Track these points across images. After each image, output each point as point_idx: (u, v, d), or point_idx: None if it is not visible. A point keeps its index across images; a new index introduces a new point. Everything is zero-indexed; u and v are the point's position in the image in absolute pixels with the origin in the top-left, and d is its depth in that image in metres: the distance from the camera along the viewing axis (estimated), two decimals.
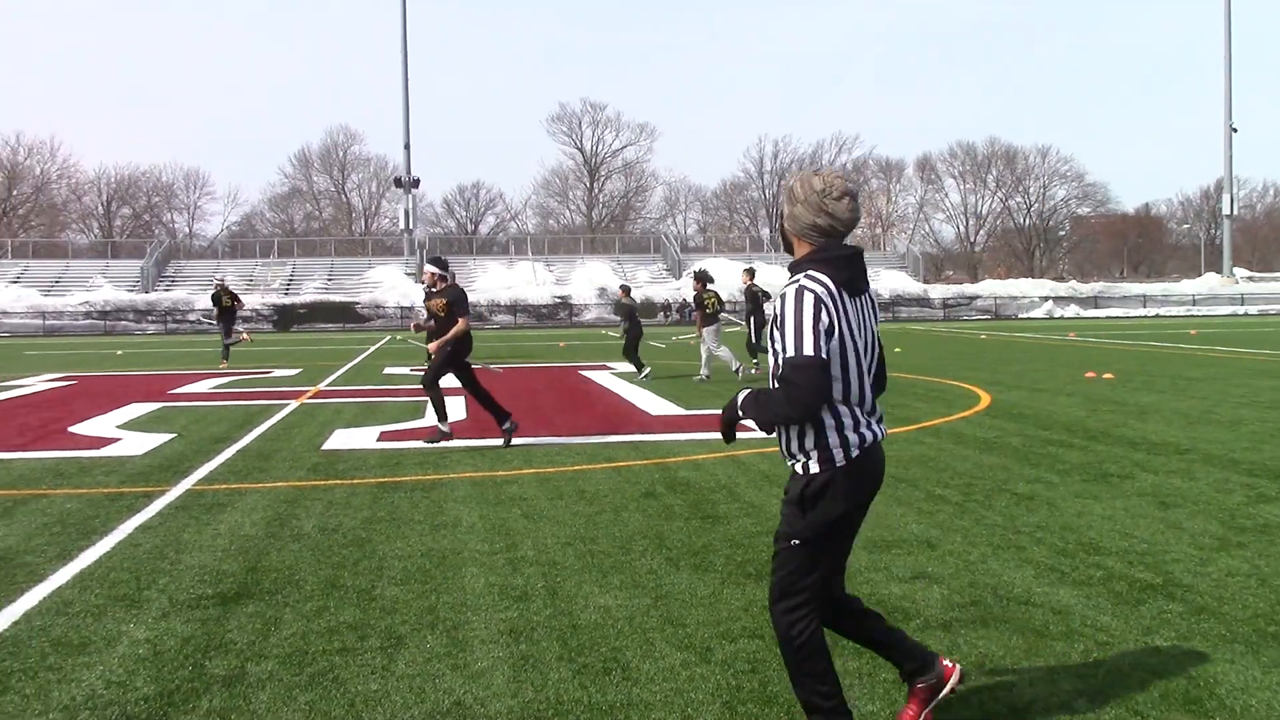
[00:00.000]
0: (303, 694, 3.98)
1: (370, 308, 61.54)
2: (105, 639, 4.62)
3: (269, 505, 7.53)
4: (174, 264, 73.59)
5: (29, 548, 6.32)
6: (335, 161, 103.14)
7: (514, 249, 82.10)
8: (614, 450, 9.97)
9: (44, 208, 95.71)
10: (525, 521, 6.91)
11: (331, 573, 5.68)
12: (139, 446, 10.45)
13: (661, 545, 6.22)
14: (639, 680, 4.08)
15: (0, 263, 71.33)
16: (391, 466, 9.18)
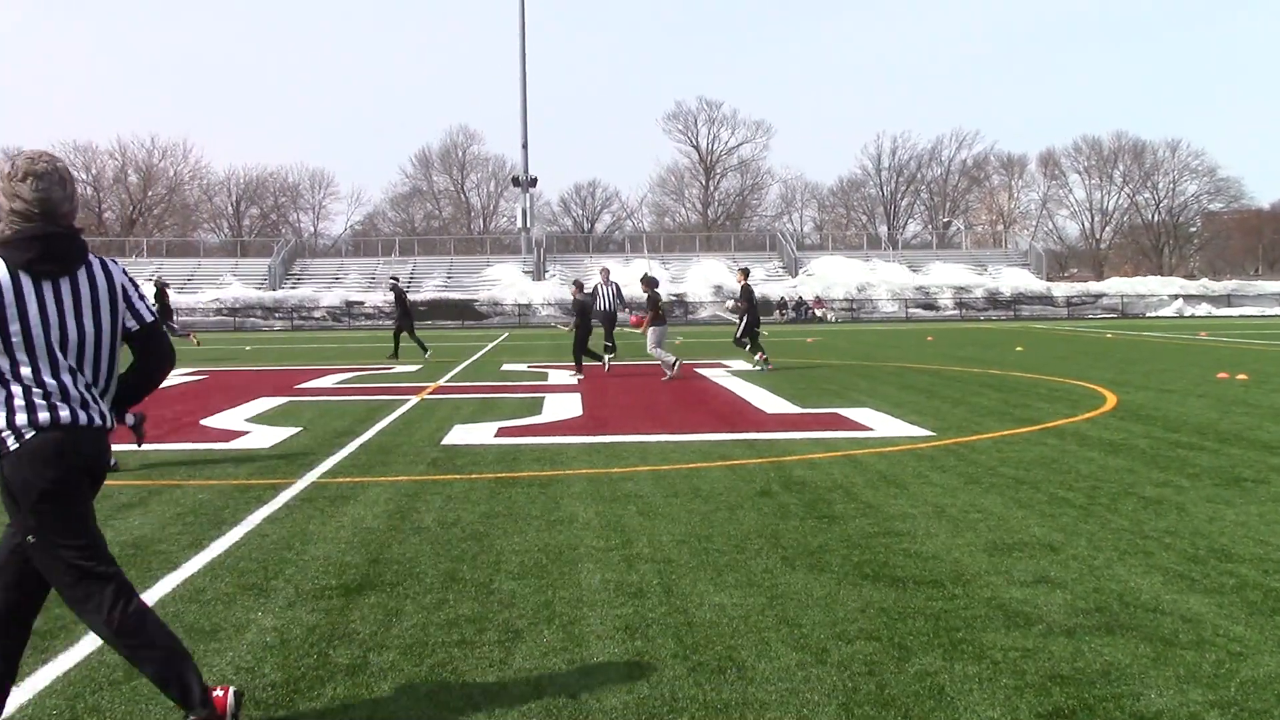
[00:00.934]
0: (423, 684, 4.05)
1: (488, 305, 62.43)
2: (235, 626, 4.76)
3: (390, 499, 7.68)
4: (299, 262, 75.52)
5: (163, 536, 6.55)
6: (455, 161, 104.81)
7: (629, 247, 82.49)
8: (729, 448, 9.95)
9: (177, 208, 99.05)
10: (640, 518, 6.94)
11: (451, 566, 5.78)
12: (267, 439, 10.75)
13: (777, 544, 6.19)
14: (754, 679, 4.07)
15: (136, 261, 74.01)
16: (509, 462, 9.29)
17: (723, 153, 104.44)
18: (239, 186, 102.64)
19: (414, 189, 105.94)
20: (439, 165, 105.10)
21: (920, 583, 5.36)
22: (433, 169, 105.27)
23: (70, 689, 4.02)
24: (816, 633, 4.59)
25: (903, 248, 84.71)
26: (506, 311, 61.86)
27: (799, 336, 38.34)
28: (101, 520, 6.90)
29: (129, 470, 9.00)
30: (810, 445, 10.04)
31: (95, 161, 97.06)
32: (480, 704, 3.86)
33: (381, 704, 3.87)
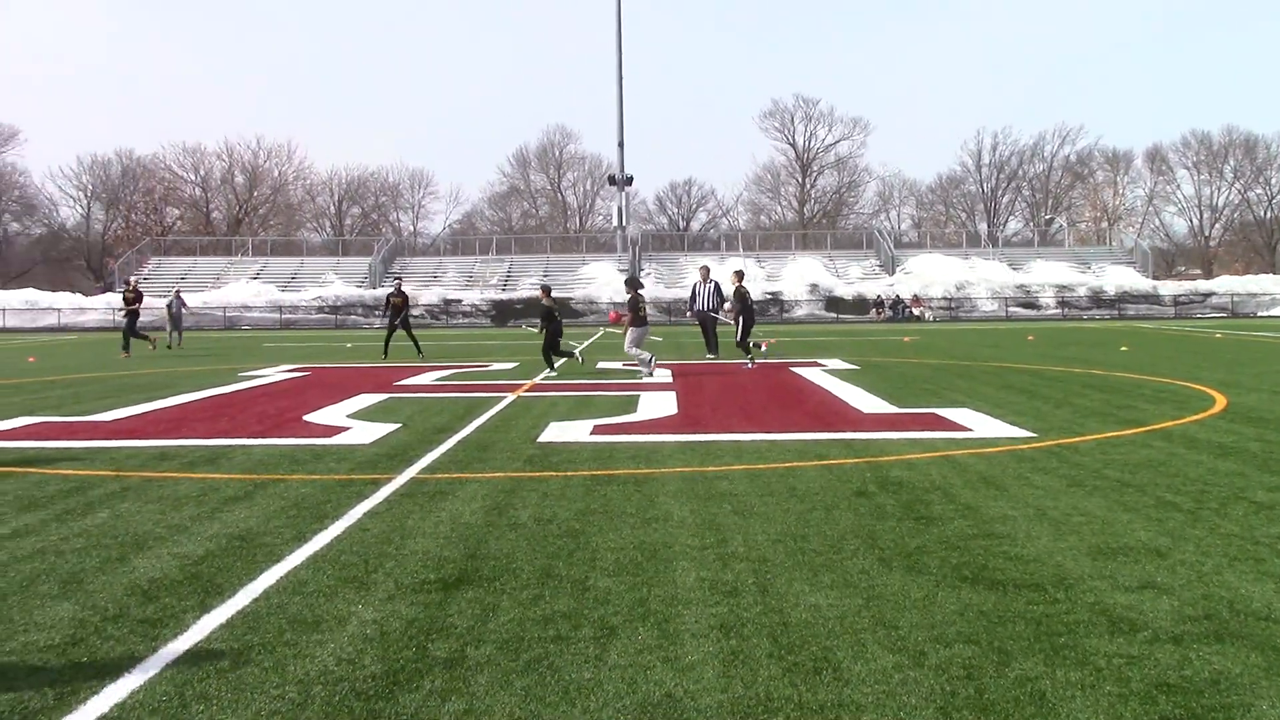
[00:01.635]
0: (519, 679, 4.09)
1: (584, 303, 62.77)
2: (336, 618, 4.85)
3: (488, 495, 7.76)
4: (399, 261, 76.74)
5: (268, 529, 6.70)
6: (552, 160, 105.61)
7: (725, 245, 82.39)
8: (825, 447, 9.88)
9: (281, 208, 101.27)
10: (736, 517, 6.92)
11: (547, 562, 5.82)
12: (367, 435, 10.93)
13: (873, 545, 6.13)
14: (850, 681, 4.04)
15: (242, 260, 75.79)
16: (604, 460, 9.33)
17: (819, 150, 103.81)
18: (341, 186, 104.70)
19: (511, 188, 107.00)
20: (536, 164, 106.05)
21: (1021, 586, 5.27)
22: (530, 168, 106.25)
23: (179, 676, 4.13)
24: (914, 635, 4.54)
25: (1003, 245, 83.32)
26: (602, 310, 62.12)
27: (896, 336, 37.92)
28: (209, 513, 7.11)
29: (235, 465, 9.22)
30: (908, 445, 9.93)
31: (204, 163, 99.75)
32: (575, 699, 3.89)
33: (478, 697, 3.91)
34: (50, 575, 5.65)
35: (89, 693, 3.96)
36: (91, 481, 8.46)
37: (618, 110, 71.63)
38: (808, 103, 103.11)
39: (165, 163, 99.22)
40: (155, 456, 9.74)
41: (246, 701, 3.88)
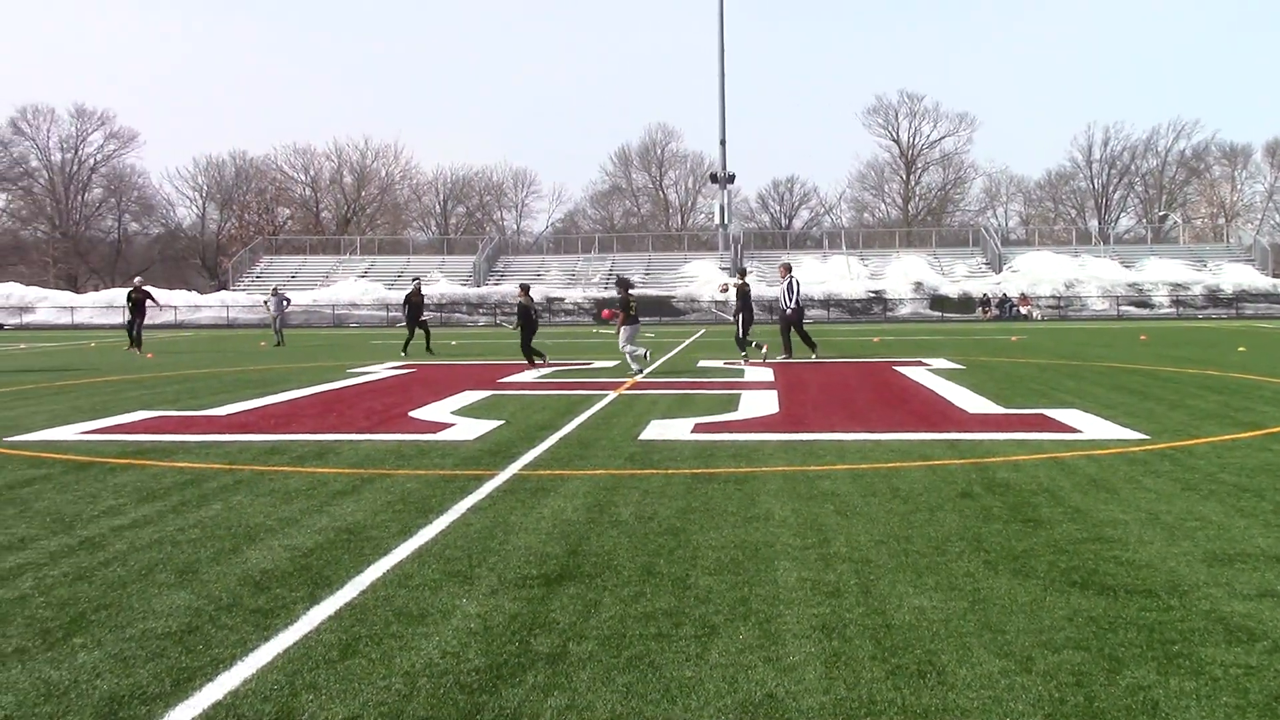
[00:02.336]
0: (620, 675, 4.11)
1: (685, 301, 62.79)
2: (441, 612, 4.92)
3: (589, 492, 7.81)
4: (503, 259, 77.55)
5: (375, 523, 6.82)
6: (653, 159, 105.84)
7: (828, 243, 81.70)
8: (929, 448, 9.75)
9: (388, 207, 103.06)
10: (838, 517, 6.87)
11: (648, 560, 5.84)
12: (471, 432, 11.07)
13: (979, 548, 6.04)
14: (955, 686, 3.98)
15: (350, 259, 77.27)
16: (705, 458, 9.33)
17: (924, 146, 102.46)
18: (446, 186, 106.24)
19: (613, 186, 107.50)
20: (638, 163, 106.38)
21: (1133, 592, 5.14)
22: (632, 166, 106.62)
23: (289, 665, 4.22)
24: (1021, 640, 4.46)
25: (1114, 243, 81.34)
26: (703, 308, 62.08)
27: (1003, 334, 37.25)
28: (318, 506, 7.26)
29: (343, 459, 9.40)
30: (1014, 447, 9.75)
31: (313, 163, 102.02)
32: (676, 697, 3.89)
33: (580, 693, 3.93)
34: (167, 565, 5.82)
35: (204, 679, 4.08)
36: (206, 474, 8.70)
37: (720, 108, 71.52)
38: (912, 98, 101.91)
39: (277, 164, 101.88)
40: (266, 451, 9.98)
41: (354, 692, 3.95)
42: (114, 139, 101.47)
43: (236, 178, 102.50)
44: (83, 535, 6.53)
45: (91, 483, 8.34)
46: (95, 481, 8.40)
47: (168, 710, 3.79)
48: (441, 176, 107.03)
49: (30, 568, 5.77)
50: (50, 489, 8.09)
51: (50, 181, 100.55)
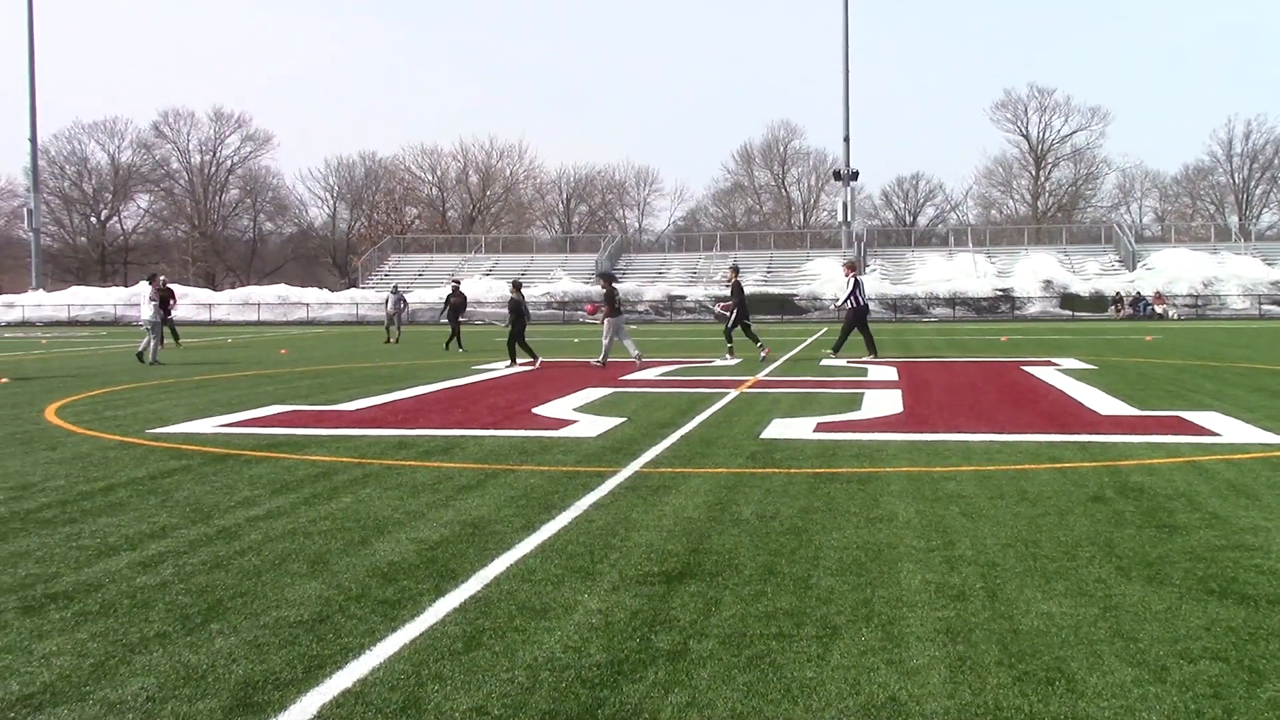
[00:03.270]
0: (741, 674, 4.10)
1: (808, 299, 62.34)
2: (563, 606, 4.97)
3: (710, 490, 7.81)
4: (625, 257, 77.93)
5: (498, 517, 6.92)
6: (776, 156, 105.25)
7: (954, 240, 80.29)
8: (1059, 450, 9.52)
9: (512, 206, 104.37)
10: (963, 519, 6.75)
11: (769, 559, 5.81)
12: (593, 429, 11.15)
13: (1111, 553, 5.87)
14: (1085, 694, 3.88)
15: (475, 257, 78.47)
16: (827, 457, 9.25)
17: (1055, 141, 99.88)
18: (569, 184, 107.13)
19: (735, 184, 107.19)
20: (760, 160, 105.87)
21: (1275, 602, 4.95)
22: (754, 164, 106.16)
23: (416, 656, 4.31)
24: (1155, 649, 4.32)
25: (1256, 239, 78.34)
26: (826, 306, 61.54)
27: (1137, 334, 36.17)
28: (443, 500, 7.39)
29: (468, 455, 9.55)
30: (1149, 450, 9.46)
31: (440, 163, 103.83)
32: (798, 698, 3.87)
33: (700, 691, 3.94)
34: (299, 555, 5.99)
35: (334, 667, 4.18)
36: (336, 468, 8.92)
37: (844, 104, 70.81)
38: (1042, 92, 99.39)
39: (405, 164, 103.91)
40: (394, 445, 10.20)
41: (478, 684, 4.01)
42: (250, 141, 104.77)
43: (366, 178, 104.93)
44: (220, 525, 6.76)
45: (229, 474, 8.62)
46: (232, 473, 8.68)
47: (300, 696, 3.90)
48: (564, 175, 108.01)
49: (171, 555, 5.99)
50: (190, 480, 8.39)
51: (190, 183, 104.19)
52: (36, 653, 4.38)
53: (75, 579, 5.51)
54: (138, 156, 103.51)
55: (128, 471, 8.78)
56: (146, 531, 6.59)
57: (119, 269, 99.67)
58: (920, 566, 5.63)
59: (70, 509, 7.29)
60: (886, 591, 5.17)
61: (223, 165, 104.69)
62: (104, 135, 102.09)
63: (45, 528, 6.72)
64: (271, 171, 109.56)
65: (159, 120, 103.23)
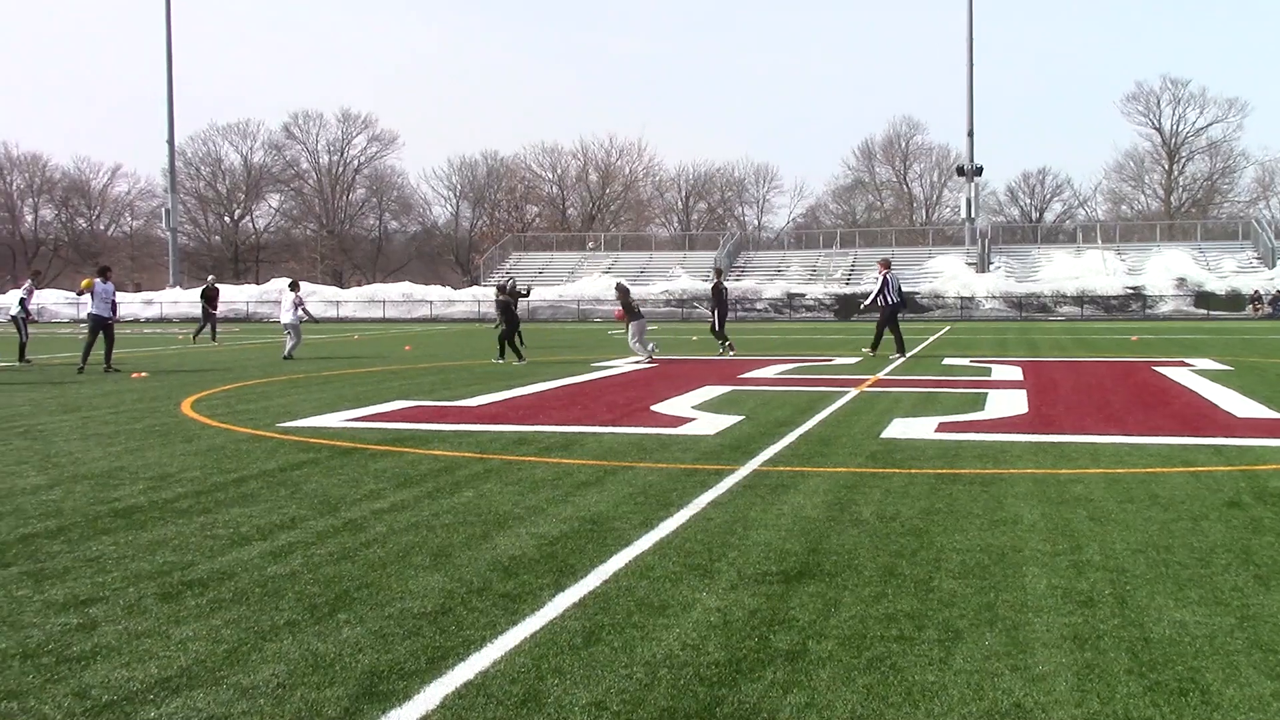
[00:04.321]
0: (860, 676, 4.05)
1: (930, 298, 61.38)
2: (681, 604, 4.98)
3: (829, 489, 7.74)
4: (743, 255, 77.69)
5: (617, 514, 6.95)
6: (897, 152, 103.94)
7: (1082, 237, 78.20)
8: (1192, 453, 9.22)
9: (631, 204, 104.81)
10: (1091, 524, 6.58)
11: (889, 560, 5.74)
12: (711, 426, 11.14)
13: (1248, 561, 5.67)
14: (1220, 706, 3.75)
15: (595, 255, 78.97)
16: (950, 458, 9.10)
17: (1189, 134, 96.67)
18: (688, 182, 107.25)
19: (856, 180, 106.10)
20: (881, 156, 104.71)
21: None
22: (875, 160, 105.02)
23: (536, 650, 4.36)
24: None
25: None
26: (949, 304, 60.55)
27: (1276, 334, 34.84)
28: (563, 496, 7.46)
29: (587, 451, 9.62)
30: None
31: (560, 162, 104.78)
32: (919, 701, 3.81)
33: (819, 692, 3.91)
34: (422, 548, 6.10)
35: (456, 659, 4.25)
36: (459, 462, 9.07)
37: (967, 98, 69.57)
38: (1176, 84, 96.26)
39: (525, 162, 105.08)
40: (515, 441, 10.32)
41: (597, 679, 4.04)
42: (376, 141, 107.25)
43: (488, 177, 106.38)
44: (346, 517, 6.92)
45: (354, 468, 8.82)
46: (358, 467, 8.88)
47: (423, 686, 3.97)
48: (684, 172, 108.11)
49: (300, 546, 6.15)
50: (318, 472, 8.61)
51: (318, 182, 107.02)
52: (174, 638, 4.54)
53: (210, 567, 5.70)
54: (269, 157, 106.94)
55: (259, 464, 9.05)
56: (277, 522, 6.78)
57: (251, 267, 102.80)
58: (1046, 571, 5.50)
59: (205, 499, 7.54)
60: (1011, 596, 5.07)
61: (349, 165, 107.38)
62: (237, 137, 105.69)
63: (182, 517, 6.96)
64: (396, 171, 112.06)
65: (289, 122, 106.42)
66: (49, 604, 5.04)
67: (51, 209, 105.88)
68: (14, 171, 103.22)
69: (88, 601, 5.07)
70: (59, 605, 5.02)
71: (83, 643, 4.47)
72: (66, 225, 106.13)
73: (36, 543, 6.27)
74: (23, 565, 5.76)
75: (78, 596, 5.16)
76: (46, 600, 5.11)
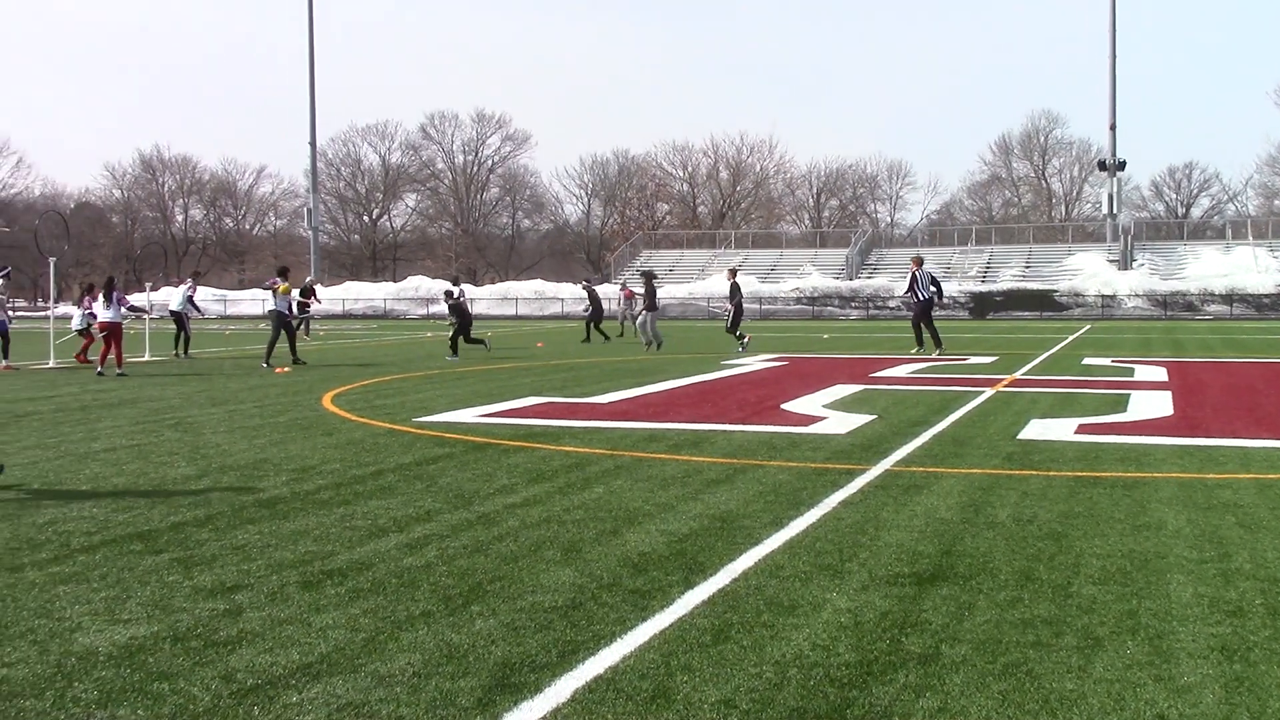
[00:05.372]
0: (995, 682, 3.97)
1: (1069, 296, 59.79)
2: (811, 604, 4.94)
3: (964, 491, 7.60)
4: (876, 252, 76.77)
5: (746, 512, 6.93)
6: (1036, 146, 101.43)
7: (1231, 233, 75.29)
8: None
9: (762, 201, 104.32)
10: (1240, 531, 6.33)
11: (1026, 564, 5.61)
12: (842, 425, 11.03)
13: None
14: None
15: (725, 252, 78.87)
16: (1090, 461, 8.85)
17: None
18: (819, 179, 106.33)
19: (992, 176, 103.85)
20: (1019, 151, 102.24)
21: None
22: (1012, 155, 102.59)
23: (665, 646, 4.37)
24: None
25: None
26: (1089, 303, 58.90)
27: None
28: (693, 493, 7.46)
29: (717, 449, 9.61)
30: None
31: (691, 159, 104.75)
32: (1056, 710, 3.72)
33: (953, 697, 3.84)
34: (554, 542, 6.17)
35: (586, 653, 4.29)
36: (589, 458, 9.14)
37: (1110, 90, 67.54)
38: None
39: (656, 160, 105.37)
40: (645, 438, 10.37)
41: (726, 677, 4.04)
42: (509, 141, 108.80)
43: (619, 175, 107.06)
44: (480, 511, 7.04)
45: (488, 462, 8.97)
46: (491, 461, 9.02)
47: (554, 679, 4.02)
48: (815, 169, 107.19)
49: (435, 539, 6.28)
50: (452, 467, 8.77)
51: (453, 182, 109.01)
52: (314, 625, 4.67)
53: (349, 557, 5.86)
54: (406, 157, 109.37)
55: (396, 457, 9.26)
56: (413, 515, 6.93)
57: (388, 265, 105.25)
58: (1192, 579, 5.32)
59: (344, 491, 7.74)
60: (1154, 603, 4.91)
61: (484, 165, 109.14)
62: (376, 138, 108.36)
63: (322, 508, 7.16)
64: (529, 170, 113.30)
65: (425, 122, 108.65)
66: (197, 589, 5.24)
67: (200, 209, 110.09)
68: (166, 173, 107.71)
69: (234, 588, 5.26)
70: (207, 591, 5.21)
71: (229, 628, 4.64)
72: (214, 225, 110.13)
73: (186, 530, 6.52)
74: (173, 552, 5.99)
75: (224, 583, 5.35)
76: (195, 586, 5.31)
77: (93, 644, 4.44)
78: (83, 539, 6.31)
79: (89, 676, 4.07)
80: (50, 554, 5.96)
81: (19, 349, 24.61)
